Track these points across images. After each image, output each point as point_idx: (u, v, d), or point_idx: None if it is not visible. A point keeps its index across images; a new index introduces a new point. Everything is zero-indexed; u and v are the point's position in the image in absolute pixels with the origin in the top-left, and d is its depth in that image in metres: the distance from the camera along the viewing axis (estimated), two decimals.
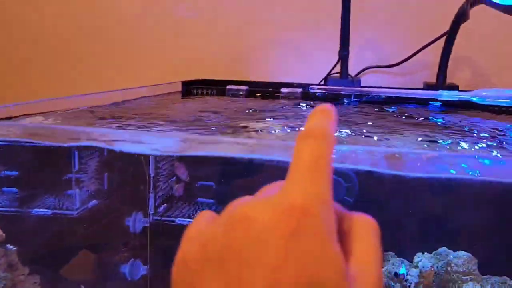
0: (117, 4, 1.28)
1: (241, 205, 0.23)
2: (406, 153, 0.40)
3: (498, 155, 0.45)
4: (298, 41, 1.20)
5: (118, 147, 0.48)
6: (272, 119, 0.72)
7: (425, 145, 0.52)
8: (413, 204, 0.70)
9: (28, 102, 0.60)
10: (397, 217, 0.72)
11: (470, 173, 0.39)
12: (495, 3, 0.75)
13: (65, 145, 0.50)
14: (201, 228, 0.24)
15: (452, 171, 0.41)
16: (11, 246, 0.74)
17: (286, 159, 0.68)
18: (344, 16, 0.97)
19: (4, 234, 0.71)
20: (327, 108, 0.27)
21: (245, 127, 0.62)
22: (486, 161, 0.39)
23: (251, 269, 0.20)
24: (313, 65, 1.20)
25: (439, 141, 0.56)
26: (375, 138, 0.56)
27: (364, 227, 0.25)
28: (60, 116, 0.63)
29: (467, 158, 0.39)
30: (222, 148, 0.45)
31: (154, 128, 0.56)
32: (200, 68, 1.25)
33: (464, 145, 0.53)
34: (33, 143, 0.72)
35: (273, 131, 0.60)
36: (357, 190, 0.75)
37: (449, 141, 0.56)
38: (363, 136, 0.60)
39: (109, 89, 0.87)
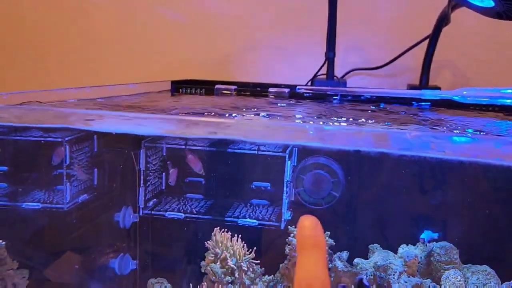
0: (110, 6, 1.29)
1: None
2: (391, 132, 0.42)
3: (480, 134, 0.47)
4: (285, 44, 1.22)
5: (113, 128, 0.49)
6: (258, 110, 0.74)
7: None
8: (398, 197, 0.72)
9: (21, 92, 0.61)
10: (384, 212, 0.75)
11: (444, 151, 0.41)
12: (475, 5, 0.78)
13: (57, 126, 0.51)
14: None
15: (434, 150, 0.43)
16: (0, 241, 0.74)
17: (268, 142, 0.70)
18: (330, 19, 0.99)
19: None
20: (314, 220, 0.31)
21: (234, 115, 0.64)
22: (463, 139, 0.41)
23: None
24: (299, 67, 1.22)
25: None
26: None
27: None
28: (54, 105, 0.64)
29: (448, 138, 0.42)
30: (207, 130, 0.46)
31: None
32: (188, 69, 1.27)
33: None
34: (23, 137, 0.73)
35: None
36: (343, 185, 0.77)
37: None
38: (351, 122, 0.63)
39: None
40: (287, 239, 0.69)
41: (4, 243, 0.74)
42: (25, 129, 0.73)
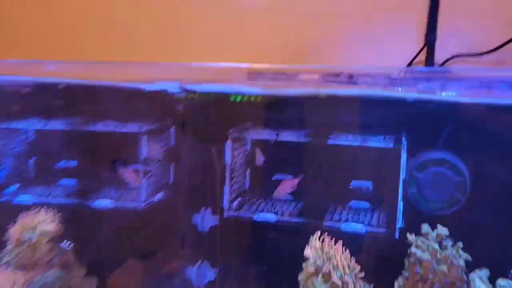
0: None
1: None
2: None
3: None
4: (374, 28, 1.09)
5: None
6: None
7: None
8: None
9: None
10: None
11: None
12: None
13: None
14: None
15: None
16: (67, 243, 0.66)
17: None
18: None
19: (60, 228, 0.63)
20: None
21: None
22: None
23: None
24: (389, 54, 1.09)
25: None
26: None
27: None
28: None
29: None
30: None
31: None
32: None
33: None
34: (96, 128, 0.65)
35: None
36: (469, 187, 0.63)
37: None
38: None
39: None
40: (408, 250, 0.55)
41: (71, 245, 0.66)
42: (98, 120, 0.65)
